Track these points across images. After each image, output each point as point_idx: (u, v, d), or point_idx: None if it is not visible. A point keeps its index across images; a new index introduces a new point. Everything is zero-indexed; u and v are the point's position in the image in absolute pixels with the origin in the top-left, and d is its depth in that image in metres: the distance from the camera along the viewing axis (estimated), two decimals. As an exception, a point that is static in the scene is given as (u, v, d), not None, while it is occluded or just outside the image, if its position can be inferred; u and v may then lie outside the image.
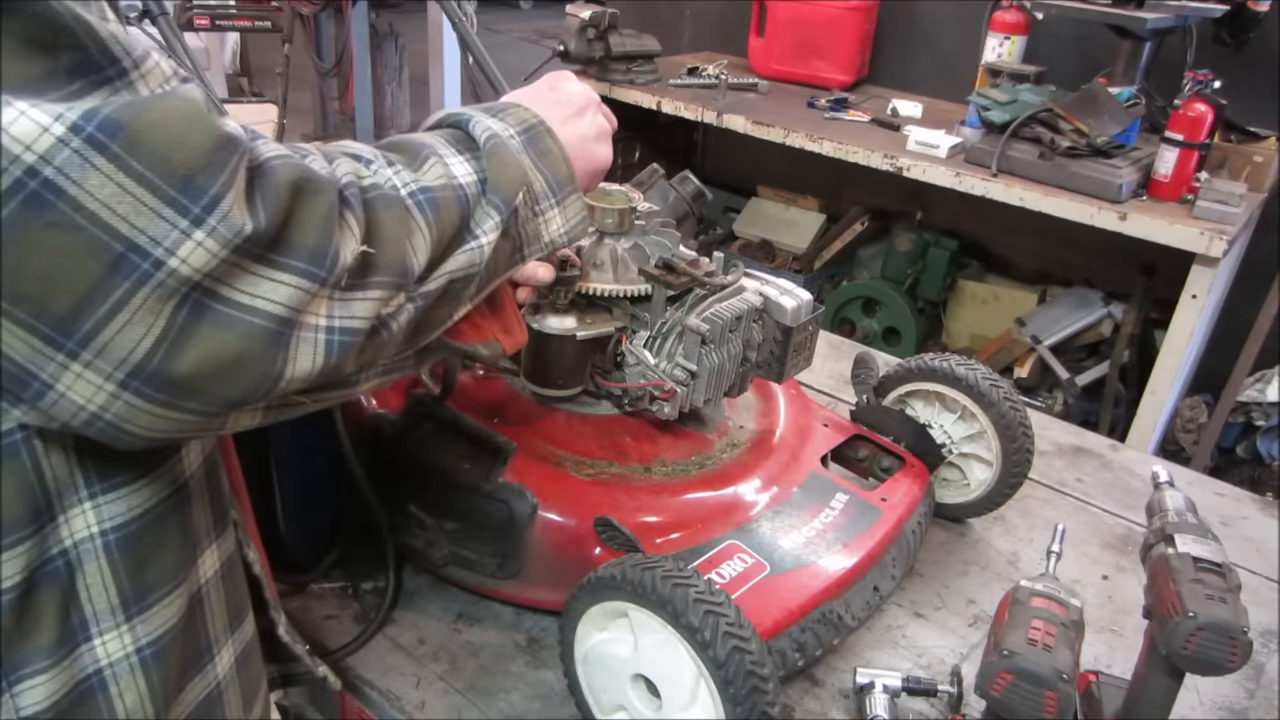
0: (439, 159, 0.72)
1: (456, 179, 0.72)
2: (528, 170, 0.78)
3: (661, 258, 1.17)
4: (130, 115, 0.50)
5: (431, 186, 0.69)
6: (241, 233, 0.52)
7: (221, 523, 0.77)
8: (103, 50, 0.51)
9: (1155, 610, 0.88)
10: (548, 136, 0.81)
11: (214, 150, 0.52)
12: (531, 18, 11.21)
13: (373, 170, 0.66)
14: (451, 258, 0.70)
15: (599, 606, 0.97)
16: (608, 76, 3.45)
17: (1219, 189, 2.49)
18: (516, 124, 0.79)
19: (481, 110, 0.80)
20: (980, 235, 3.60)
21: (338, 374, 0.61)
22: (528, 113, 0.81)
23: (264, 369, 0.56)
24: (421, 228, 0.67)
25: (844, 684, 1.13)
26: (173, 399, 0.54)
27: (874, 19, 3.58)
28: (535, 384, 1.21)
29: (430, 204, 0.68)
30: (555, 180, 0.80)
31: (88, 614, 0.65)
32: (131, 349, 0.51)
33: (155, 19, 1.73)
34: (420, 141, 0.74)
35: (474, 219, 0.73)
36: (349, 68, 6.29)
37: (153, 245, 0.50)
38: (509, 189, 0.75)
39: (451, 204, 0.70)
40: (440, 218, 0.69)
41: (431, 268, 0.68)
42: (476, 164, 0.74)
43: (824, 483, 1.23)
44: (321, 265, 0.57)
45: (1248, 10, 2.78)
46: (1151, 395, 2.72)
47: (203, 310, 0.53)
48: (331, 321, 0.59)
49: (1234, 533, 1.49)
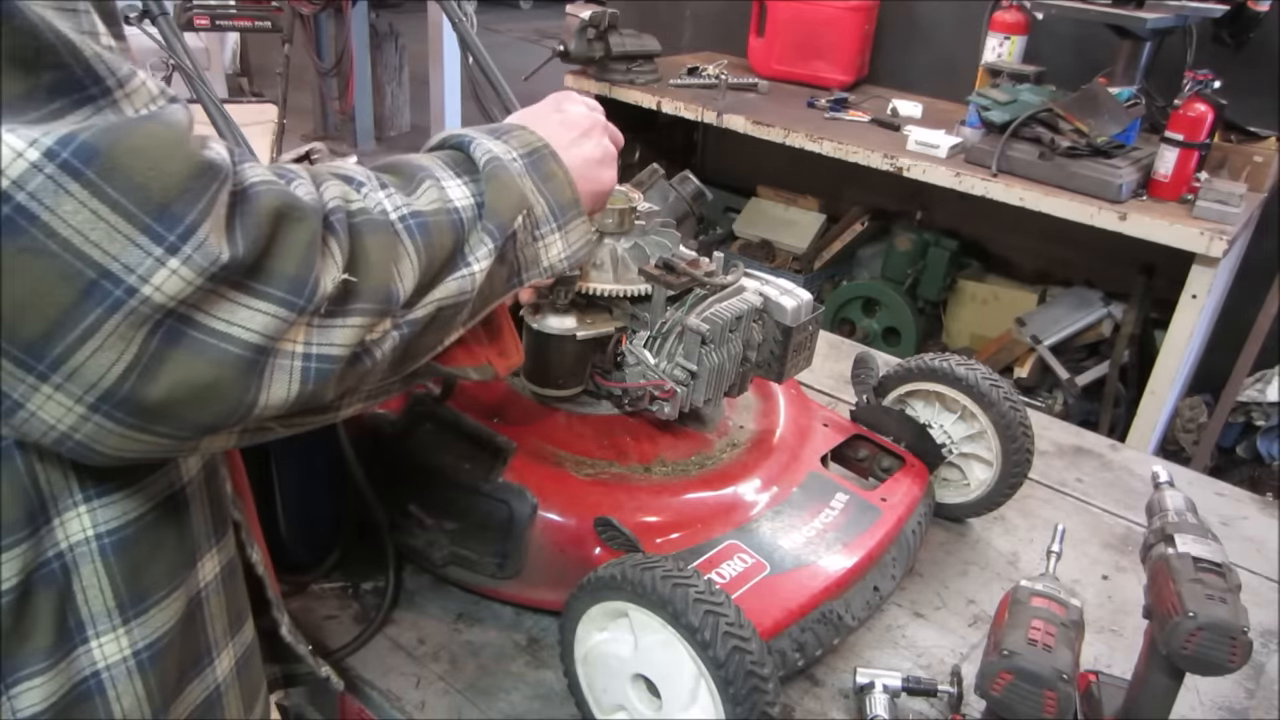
0: (434, 182, 0.71)
1: (451, 202, 0.71)
2: (529, 194, 0.76)
3: (661, 258, 1.17)
4: (108, 141, 0.49)
5: (424, 211, 0.68)
6: (218, 261, 0.52)
7: (222, 528, 0.77)
8: (86, 69, 0.50)
9: (1155, 610, 0.88)
10: (552, 160, 0.80)
11: (192, 177, 0.51)
12: (531, 18, 11.21)
13: (362, 194, 0.65)
14: (442, 285, 0.69)
15: (599, 606, 0.97)
16: (608, 76, 3.45)
17: (1219, 189, 2.49)
18: (520, 146, 0.78)
19: (484, 132, 0.78)
20: (980, 235, 3.60)
21: (315, 401, 0.60)
22: (532, 135, 0.80)
23: (238, 396, 0.55)
24: (410, 253, 0.65)
25: (844, 684, 1.13)
26: (143, 423, 0.54)
27: (874, 19, 3.58)
28: (535, 384, 1.22)
29: (421, 229, 0.67)
30: (558, 204, 0.79)
31: (84, 616, 0.65)
32: (102, 374, 0.51)
33: (155, 19, 1.73)
34: (417, 163, 0.73)
35: (468, 244, 0.71)
36: (349, 68, 6.30)
37: (126, 273, 0.50)
38: (506, 214, 0.73)
39: (444, 229, 0.69)
40: (431, 243, 0.67)
41: (419, 294, 0.67)
42: (474, 187, 0.73)
43: (824, 483, 1.23)
44: (300, 293, 0.56)
45: (1248, 10, 2.78)
46: (1151, 395, 2.72)
47: (177, 337, 0.52)
48: (309, 349, 0.58)
49: (1234, 533, 1.49)
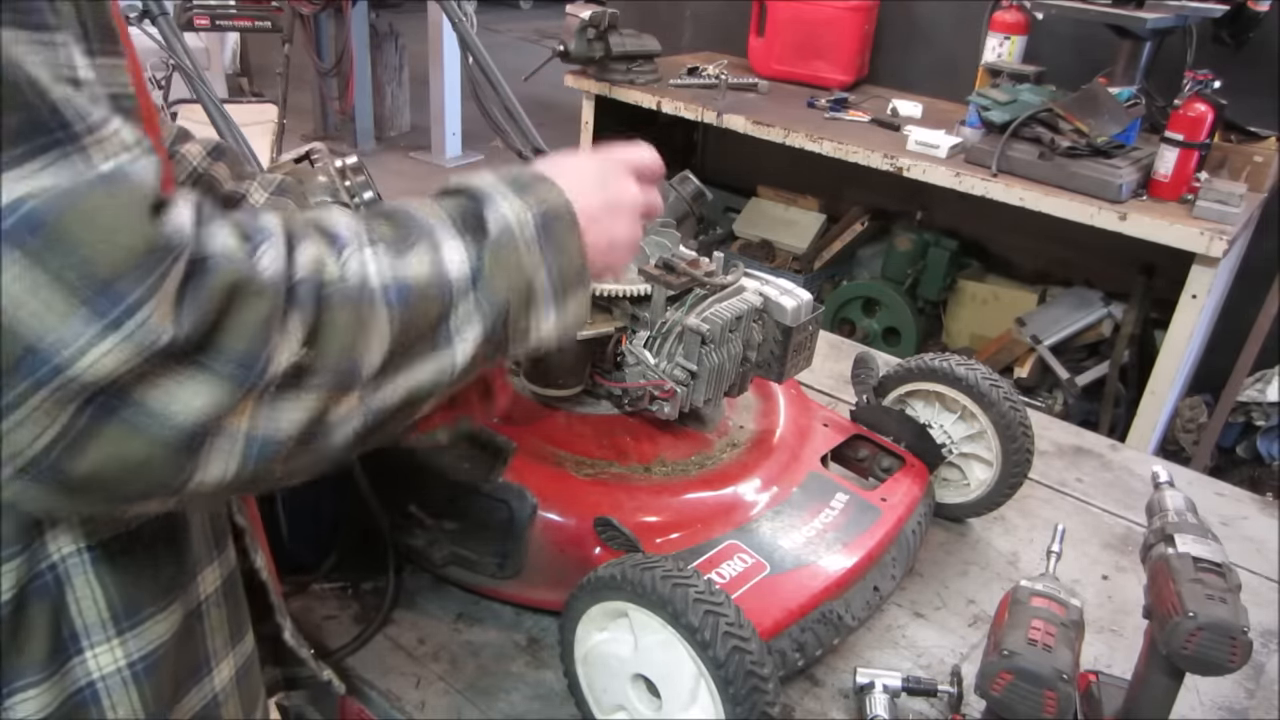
0: (431, 244, 0.64)
1: (444, 270, 0.64)
2: (533, 269, 0.69)
3: (661, 258, 1.17)
4: (58, 209, 0.46)
5: (409, 277, 0.62)
6: (158, 341, 0.49)
7: (223, 540, 0.77)
8: (53, 111, 0.48)
9: (1155, 610, 0.88)
10: (571, 230, 0.72)
11: (145, 252, 0.48)
12: (531, 18, 11.22)
13: (343, 256, 0.59)
14: (419, 365, 0.63)
15: (599, 606, 0.97)
16: (608, 76, 3.45)
17: (1219, 189, 2.49)
18: (539, 204, 0.70)
19: (508, 184, 0.71)
20: (980, 235, 3.60)
21: (259, 480, 0.57)
22: (560, 197, 0.72)
23: (171, 474, 0.52)
24: (384, 324, 0.60)
25: (844, 684, 1.13)
26: (70, 492, 0.51)
27: (874, 19, 3.58)
28: (535, 384, 1.22)
29: (402, 297, 0.61)
30: (562, 280, 0.71)
31: (78, 627, 0.65)
32: (25, 446, 0.48)
33: (155, 19, 1.73)
34: (418, 217, 0.66)
35: (454, 316, 0.64)
36: (349, 68, 6.30)
37: (57, 348, 0.47)
38: (504, 291, 0.67)
39: (429, 299, 0.63)
40: (411, 313, 0.61)
41: (389, 369, 0.61)
42: (475, 251, 0.66)
43: (824, 483, 1.23)
44: (248, 372, 0.53)
45: (1248, 10, 2.78)
46: (1151, 395, 2.72)
47: (108, 413, 0.49)
48: (254, 430, 0.54)
49: (1234, 533, 1.49)
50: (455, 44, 2.83)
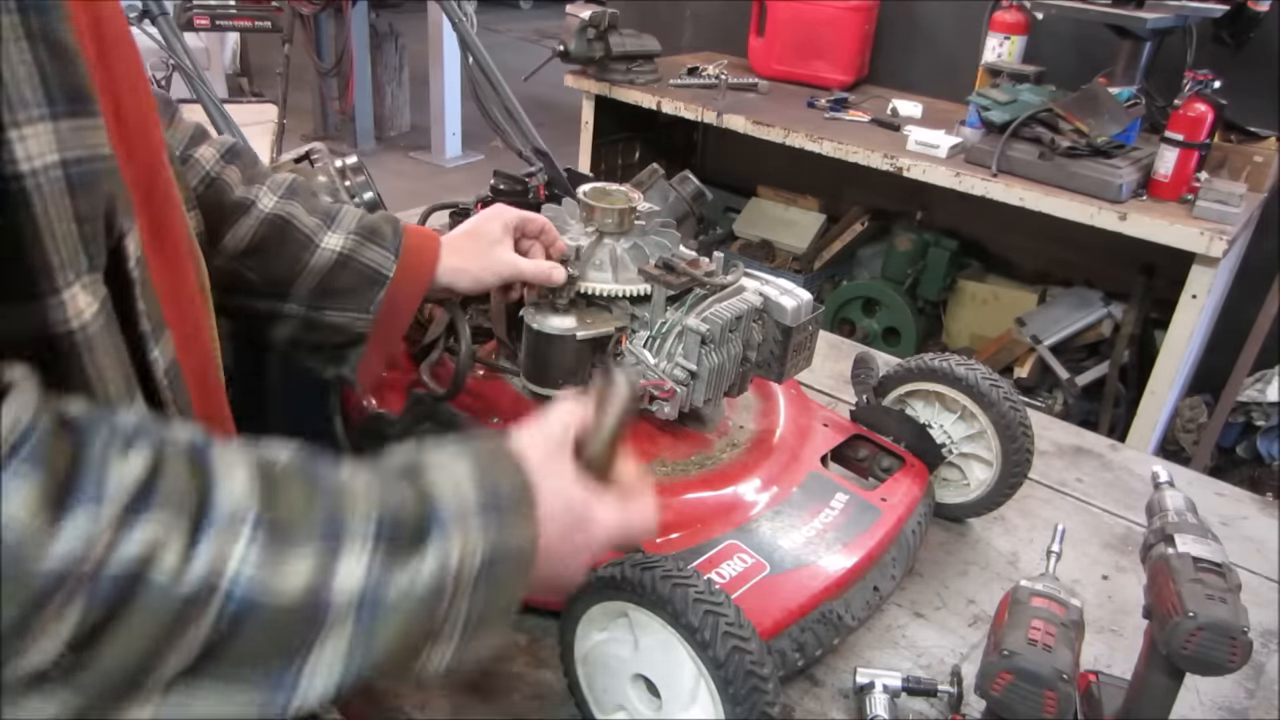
0: (328, 548, 0.53)
1: (326, 590, 0.52)
2: (451, 615, 0.58)
3: (661, 258, 1.17)
4: None
5: (270, 591, 0.50)
6: None
7: None
8: None
9: (1155, 610, 0.88)
10: (519, 574, 0.62)
11: None
12: (531, 18, 11.22)
13: (196, 547, 0.48)
14: (231, 695, 0.51)
15: (599, 607, 0.97)
16: (608, 76, 3.45)
17: (1219, 189, 2.49)
18: (499, 541, 0.60)
19: (484, 498, 0.60)
20: (980, 235, 3.61)
21: None
22: (526, 538, 0.62)
23: None
24: (202, 633, 0.49)
25: (844, 684, 1.13)
26: None
27: (874, 19, 3.58)
28: (535, 384, 1.21)
29: (245, 610, 0.49)
30: (481, 619, 0.60)
31: None
32: None
33: (155, 19, 1.73)
34: (342, 505, 0.55)
35: (311, 654, 0.52)
36: (349, 68, 6.30)
37: None
38: (394, 637, 0.55)
39: (286, 626, 0.51)
40: (241, 634, 0.50)
41: (183, 685, 0.50)
42: (381, 573, 0.54)
43: (824, 483, 1.23)
44: None
45: (1248, 10, 2.79)
46: (1151, 395, 2.72)
47: None
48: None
49: (1234, 533, 1.49)
50: (455, 44, 2.83)
